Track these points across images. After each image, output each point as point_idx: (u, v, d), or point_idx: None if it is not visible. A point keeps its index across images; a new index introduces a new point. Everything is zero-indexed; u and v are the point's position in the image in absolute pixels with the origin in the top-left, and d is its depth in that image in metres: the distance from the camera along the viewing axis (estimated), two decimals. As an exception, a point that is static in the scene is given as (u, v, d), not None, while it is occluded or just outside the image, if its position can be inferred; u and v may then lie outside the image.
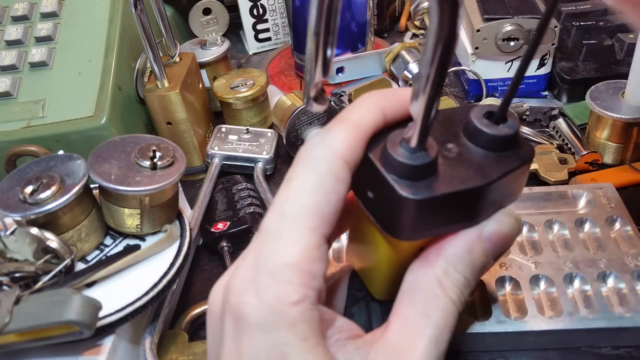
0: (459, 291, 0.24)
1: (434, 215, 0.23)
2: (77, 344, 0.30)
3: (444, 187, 0.22)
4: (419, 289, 0.24)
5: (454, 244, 0.24)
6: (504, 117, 0.23)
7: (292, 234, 0.22)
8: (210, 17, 0.57)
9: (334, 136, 0.22)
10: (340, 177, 0.22)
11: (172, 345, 0.35)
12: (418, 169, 0.22)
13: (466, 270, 0.24)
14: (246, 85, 0.52)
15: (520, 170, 0.23)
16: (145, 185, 0.32)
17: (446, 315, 0.23)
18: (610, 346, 0.33)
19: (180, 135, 0.49)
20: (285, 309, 0.21)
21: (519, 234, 0.25)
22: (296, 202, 0.22)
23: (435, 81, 0.20)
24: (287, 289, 0.21)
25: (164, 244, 0.35)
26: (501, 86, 0.57)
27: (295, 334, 0.21)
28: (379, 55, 0.59)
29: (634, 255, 0.35)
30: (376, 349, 0.23)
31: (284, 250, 0.22)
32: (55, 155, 0.35)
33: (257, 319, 0.21)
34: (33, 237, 0.31)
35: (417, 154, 0.22)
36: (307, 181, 0.22)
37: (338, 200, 0.22)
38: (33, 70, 0.48)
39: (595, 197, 0.39)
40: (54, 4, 0.51)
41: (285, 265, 0.21)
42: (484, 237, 0.24)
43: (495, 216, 0.24)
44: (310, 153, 0.23)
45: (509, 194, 0.25)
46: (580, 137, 0.49)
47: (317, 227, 0.22)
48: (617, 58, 0.55)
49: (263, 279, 0.21)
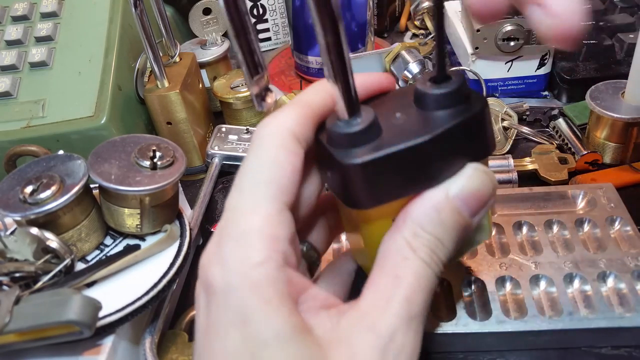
0: (430, 251, 0.23)
1: (387, 177, 0.23)
2: (77, 344, 0.30)
3: (386, 148, 0.22)
4: (389, 255, 0.23)
5: (419, 204, 0.23)
6: (447, 77, 0.23)
7: (251, 204, 0.23)
8: (210, 17, 0.57)
9: (283, 114, 0.24)
10: (291, 149, 0.23)
11: (172, 345, 0.35)
12: (354, 136, 0.22)
13: (436, 230, 0.23)
14: (246, 85, 0.52)
15: (473, 120, 0.23)
16: (145, 185, 0.32)
17: (418, 277, 0.23)
18: (610, 346, 0.33)
19: (180, 135, 0.49)
20: (247, 270, 0.21)
21: (493, 189, 0.24)
22: (252, 176, 0.23)
23: (334, 47, 0.21)
24: (249, 251, 0.22)
25: (164, 244, 0.35)
26: (501, 86, 0.57)
27: (258, 296, 0.21)
28: (379, 55, 0.59)
29: (634, 255, 0.35)
30: (348, 315, 0.23)
31: (244, 219, 0.22)
32: (55, 155, 0.35)
33: (222, 286, 0.22)
34: (33, 237, 0.31)
35: (351, 124, 0.22)
36: (260, 156, 0.23)
37: (293, 171, 0.23)
38: (33, 70, 0.48)
39: (595, 197, 0.39)
40: (54, 4, 0.51)
41: (247, 231, 0.22)
42: (452, 195, 0.23)
43: (462, 171, 0.24)
44: (262, 131, 0.24)
45: (472, 147, 0.24)
46: (580, 137, 0.49)
47: (274, 195, 0.23)
48: (617, 58, 0.55)
49: (226, 248, 0.22)
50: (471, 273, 0.34)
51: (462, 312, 0.32)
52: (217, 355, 0.22)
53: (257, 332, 0.21)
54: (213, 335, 0.22)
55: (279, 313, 0.21)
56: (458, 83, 0.23)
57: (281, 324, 0.21)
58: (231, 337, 0.21)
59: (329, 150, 0.23)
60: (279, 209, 0.23)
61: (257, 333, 0.21)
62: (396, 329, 0.22)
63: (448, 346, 0.33)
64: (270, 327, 0.21)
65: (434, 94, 0.23)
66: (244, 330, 0.21)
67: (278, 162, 0.23)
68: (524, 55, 0.54)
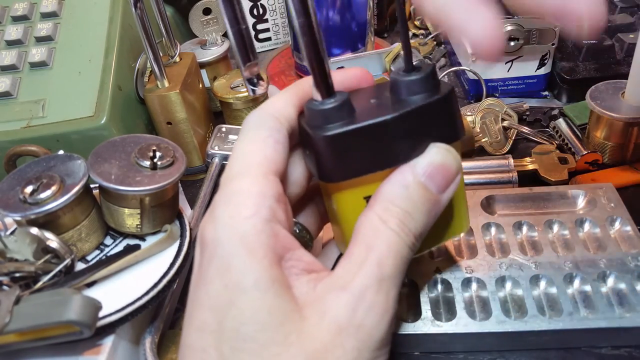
0: (400, 222, 0.25)
1: (356, 151, 0.25)
2: (77, 344, 0.30)
3: (354, 123, 0.24)
4: (362, 230, 0.25)
5: (388, 183, 0.26)
6: (417, 67, 0.26)
7: (238, 171, 0.25)
8: (210, 17, 0.57)
9: (267, 103, 0.27)
10: (271, 126, 0.26)
11: (172, 345, 0.35)
12: (326, 112, 0.24)
13: (405, 204, 0.25)
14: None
15: (438, 104, 0.25)
16: (146, 185, 0.32)
17: (388, 244, 0.25)
18: (610, 346, 0.33)
19: (180, 135, 0.49)
20: (236, 223, 0.23)
21: (457, 164, 0.27)
22: (239, 151, 0.26)
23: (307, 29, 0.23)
24: (238, 207, 0.24)
25: (164, 244, 0.35)
26: (501, 86, 0.57)
27: (243, 246, 0.23)
28: (379, 55, 0.59)
29: (634, 255, 0.35)
30: (324, 282, 0.24)
31: (234, 184, 0.25)
32: (55, 155, 0.35)
33: (212, 237, 0.24)
34: (33, 237, 0.31)
35: (325, 103, 0.25)
36: (246, 137, 0.26)
37: (276, 143, 0.25)
38: (33, 70, 0.48)
39: (595, 197, 0.39)
40: (54, 4, 0.51)
41: (236, 191, 0.24)
42: (418, 172, 0.25)
43: (427, 150, 0.26)
44: (248, 118, 0.27)
45: (439, 131, 0.26)
46: (580, 137, 0.49)
47: (260, 162, 0.25)
48: (617, 58, 0.55)
49: (218, 208, 0.24)
50: (471, 273, 0.34)
51: (462, 312, 0.32)
52: (201, 302, 0.23)
53: (238, 279, 0.22)
54: (201, 284, 0.24)
55: (262, 264, 0.23)
56: (427, 72, 0.25)
57: (261, 273, 0.22)
58: (214, 284, 0.23)
59: (304, 127, 0.26)
60: (264, 172, 0.25)
61: (237, 280, 0.22)
62: (366, 288, 0.24)
63: (448, 346, 0.33)
64: (251, 275, 0.22)
65: (404, 81, 0.25)
66: (226, 277, 0.23)
67: (261, 137, 0.25)
68: (524, 55, 0.54)
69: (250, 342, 0.22)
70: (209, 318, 0.23)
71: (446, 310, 0.34)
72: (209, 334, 0.23)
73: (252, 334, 0.22)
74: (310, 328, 0.23)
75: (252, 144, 0.25)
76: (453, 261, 0.35)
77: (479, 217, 0.38)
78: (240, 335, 0.22)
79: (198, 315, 0.24)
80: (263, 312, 0.22)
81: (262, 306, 0.22)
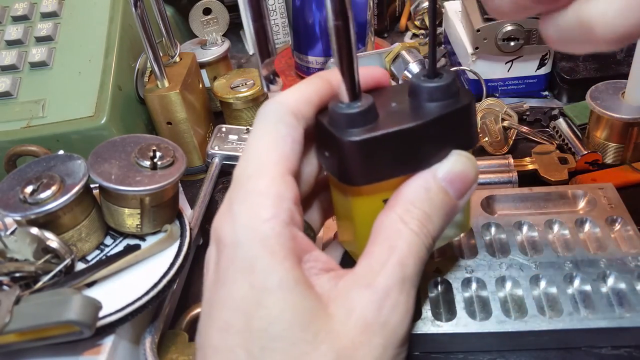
0: (420, 224, 0.25)
1: (380, 157, 0.25)
2: (77, 344, 0.30)
3: (380, 129, 0.24)
4: (384, 229, 0.26)
5: (410, 185, 0.26)
6: (439, 73, 0.26)
7: (256, 169, 0.25)
8: (211, 17, 0.57)
9: (282, 95, 0.26)
10: (289, 123, 0.25)
11: (172, 345, 0.35)
12: (353, 116, 0.24)
13: (425, 206, 0.26)
14: (246, 85, 0.52)
15: (459, 113, 0.26)
16: (146, 185, 0.32)
17: (410, 244, 0.25)
18: (610, 346, 0.33)
19: (180, 135, 0.49)
20: (256, 225, 0.23)
21: (475, 172, 0.27)
22: (256, 146, 0.25)
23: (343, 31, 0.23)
24: (257, 209, 0.23)
25: (164, 244, 0.35)
26: (501, 86, 0.57)
27: (265, 248, 0.23)
28: (379, 55, 0.59)
29: (634, 255, 0.35)
30: (345, 278, 0.25)
31: (252, 182, 0.24)
32: (55, 155, 0.35)
33: (232, 238, 0.23)
34: (33, 237, 0.31)
35: (352, 106, 0.25)
36: (263, 129, 0.25)
37: (293, 142, 0.25)
38: (33, 70, 0.48)
39: (595, 197, 0.39)
40: (54, 4, 0.51)
41: (254, 192, 0.24)
42: (439, 177, 0.26)
43: (448, 157, 0.26)
44: (263, 109, 0.26)
45: (458, 138, 0.27)
46: (580, 137, 0.49)
47: (277, 161, 0.25)
48: (617, 58, 0.55)
49: (236, 208, 0.24)
50: (471, 273, 0.34)
51: (462, 312, 0.32)
52: (225, 303, 0.23)
53: (263, 279, 0.23)
54: (221, 284, 0.24)
55: (284, 264, 0.23)
56: (449, 79, 0.25)
57: (285, 274, 0.23)
58: (239, 285, 0.23)
59: (329, 129, 0.25)
60: (282, 173, 0.24)
61: (263, 280, 0.23)
62: (391, 287, 0.24)
63: (448, 346, 0.33)
64: (275, 276, 0.23)
65: (427, 87, 0.25)
66: (251, 278, 0.23)
67: (279, 133, 0.25)
68: (524, 55, 0.54)
69: (280, 341, 0.22)
70: (233, 318, 0.23)
71: (446, 310, 0.34)
72: (235, 334, 0.23)
73: (281, 332, 0.22)
74: (338, 326, 0.23)
75: (270, 141, 0.25)
76: (453, 261, 0.35)
77: (479, 217, 0.38)
78: (269, 334, 0.22)
79: (220, 315, 0.23)
80: (290, 311, 0.22)
81: (289, 305, 0.22)
